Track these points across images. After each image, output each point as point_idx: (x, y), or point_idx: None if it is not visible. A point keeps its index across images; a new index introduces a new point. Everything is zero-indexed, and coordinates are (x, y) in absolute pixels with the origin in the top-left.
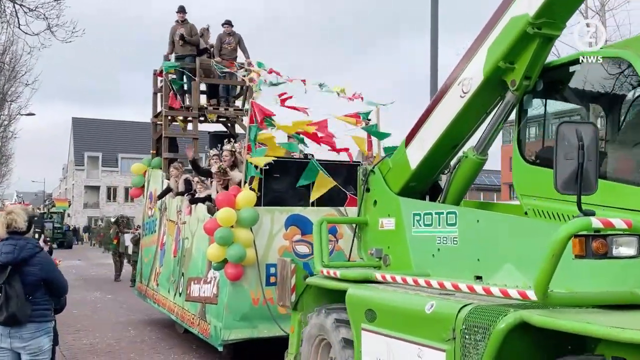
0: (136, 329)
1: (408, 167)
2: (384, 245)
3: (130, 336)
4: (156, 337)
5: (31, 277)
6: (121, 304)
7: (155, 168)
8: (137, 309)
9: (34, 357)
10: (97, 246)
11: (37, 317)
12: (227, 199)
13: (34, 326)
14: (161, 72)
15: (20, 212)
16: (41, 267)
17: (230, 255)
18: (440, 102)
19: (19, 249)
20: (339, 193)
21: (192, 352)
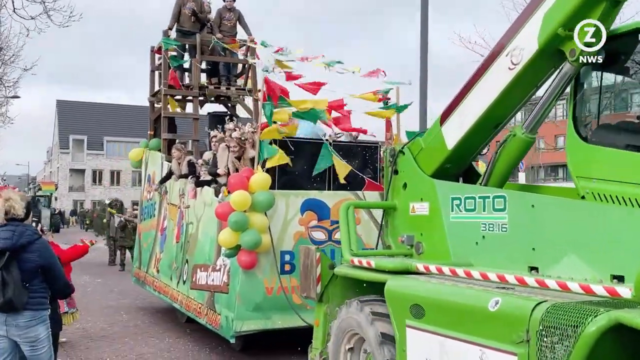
0: (128, 313)
1: (444, 147)
2: (416, 232)
3: (123, 320)
4: (149, 321)
5: (29, 263)
6: (111, 288)
7: (153, 150)
8: (128, 293)
9: (32, 346)
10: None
11: (33, 304)
12: (240, 182)
13: (30, 314)
14: (159, 49)
15: (18, 199)
16: (40, 254)
17: (244, 241)
18: (483, 76)
19: (18, 235)
20: (356, 176)
21: (187, 336)
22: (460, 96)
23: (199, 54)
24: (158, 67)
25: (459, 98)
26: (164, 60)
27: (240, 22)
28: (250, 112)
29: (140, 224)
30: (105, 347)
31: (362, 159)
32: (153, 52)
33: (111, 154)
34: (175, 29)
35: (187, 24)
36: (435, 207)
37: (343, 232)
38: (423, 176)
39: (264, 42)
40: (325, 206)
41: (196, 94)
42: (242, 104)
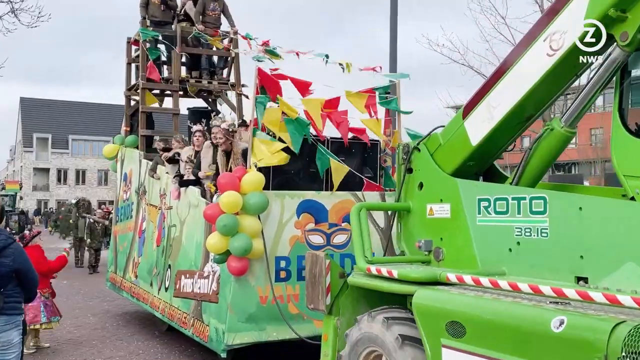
0: (95, 315)
1: (467, 143)
2: (435, 237)
3: (90, 323)
4: (117, 324)
5: (3, 268)
6: (77, 290)
7: (130, 147)
8: (94, 295)
9: (3, 350)
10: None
11: (8, 309)
12: (231, 182)
13: (4, 319)
14: (136, 41)
15: None
16: (14, 258)
17: (234, 247)
18: (516, 63)
19: None
20: (355, 176)
21: (156, 338)
22: (488, 86)
23: (179, 46)
24: (135, 60)
25: (486, 89)
26: (141, 51)
27: (225, 13)
28: (234, 108)
29: (115, 225)
30: (72, 351)
31: (361, 157)
32: (130, 43)
33: (76, 153)
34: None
35: (158, 12)
36: (458, 209)
37: (356, 237)
38: (443, 175)
39: (249, 34)
40: (323, 208)
41: (176, 88)
42: (225, 99)
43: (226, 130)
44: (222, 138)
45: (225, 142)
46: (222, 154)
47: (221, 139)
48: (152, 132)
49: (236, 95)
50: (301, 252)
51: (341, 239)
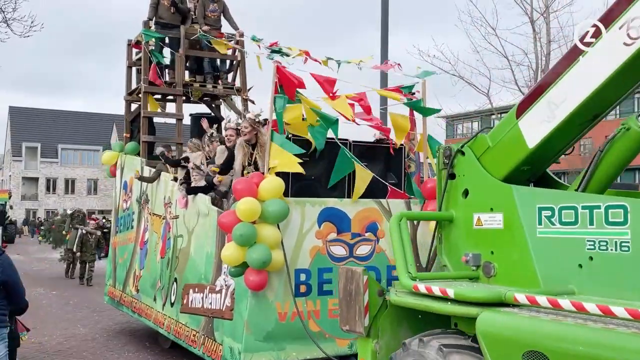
0: (85, 326)
1: (522, 145)
2: (485, 250)
3: (80, 334)
4: (107, 334)
5: None
6: (67, 301)
7: (130, 154)
8: (84, 306)
9: None
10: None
11: None
12: (247, 188)
13: None
14: (137, 43)
15: None
16: (2, 270)
17: (252, 258)
18: (584, 55)
19: None
20: (379, 182)
21: (146, 349)
22: (548, 82)
23: (182, 48)
24: (136, 63)
25: (546, 85)
26: (144, 54)
27: (225, 14)
28: (239, 113)
29: (114, 236)
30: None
31: (385, 162)
32: (130, 46)
33: (66, 162)
34: (154, 21)
35: (166, 15)
36: (513, 219)
37: (397, 251)
38: (493, 181)
39: (255, 37)
40: (346, 217)
41: (180, 92)
42: (230, 104)
43: (252, 120)
44: (247, 127)
45: (251, 132)
46: (246, 145)
47: (246, 129)
48: (153, 138)
49: (242, 100)
50: (322, 265)
51: (364, 250)
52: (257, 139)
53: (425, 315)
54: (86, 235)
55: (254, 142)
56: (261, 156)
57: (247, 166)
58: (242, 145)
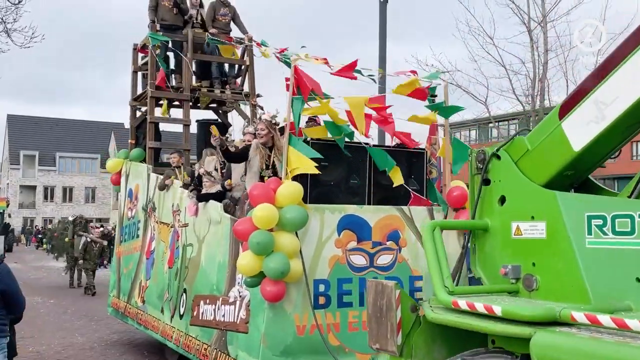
0: (83, 335)
1: (567, 148)
2: (525, 261)
3: (78, 343)
4: (105, 344)
5: None
6: (65, 309)
7: (135, 160)
8: (82, 314)
9: None
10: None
11: None
12: (264, 193)
13: None
14: (143, 47)
15: None
16: (0, 279)
17: (269, 268)
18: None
19: None
20: (400, 188)
21: (145, 359)
22: (595, 79)
23: (190, 52)
24: (142, 67)
25: (593, 82)
26: (150, 58)
27: (235, 20)
28: (248, 119)
29: (119, 246)
30: None
31: (406, 168)
32: (136, 50)
33: (63, 170)
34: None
35: (168, 16)
36: (557, 229)
37: (432, 263)
38: (533, 187)
39: (264, 42)
40: (366, 224)
41: (187, 97)
42: (239, 110)
43: (268, 122)
44: (263, 129)
45: (267, 134)
46: (262, 147)
47: (263, 131)
48: (160, 144)
49: (250, 106)
50: (342, 275)
51: (386, 260)
52: (274, 141)
53: (462, 333)
54: (90, 244)
55: (271, 144)
56: (279, 159)
57: (265, 169)
58: (258, 148)
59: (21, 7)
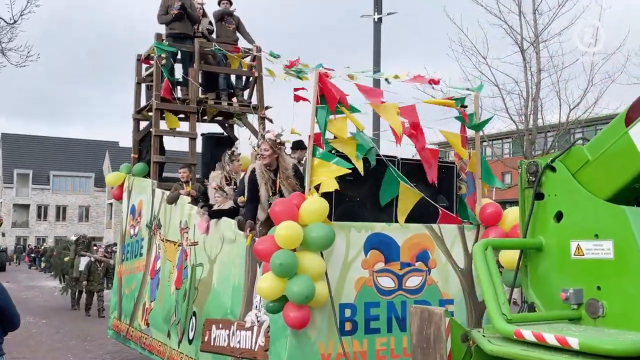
0: (76, 356)
1: (636, 157)
2: (589, 285)
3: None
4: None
5: None
6: (57, 330)
7: (138, 175)
8: (74, 334)
9: None
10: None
11: None
12: (287, 210)
13: None
14: (147, 58)
15: None
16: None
17: (293, 292)
18: None
19: None
20: (428, 205)
21: None
22: None
23: (197, 63)
24: (145, 79)
25: None
26: (156, 68)
27: (240, 29)
28: (256, 133)
29: (120, 265)
30: None
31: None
32: (140, 61)
33: (57, 189)
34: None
35: (177, 24)
36: (628, 248)
37: (486, 287)
38: (596, 201)
39: (273, 53)
40: (394, 243)
41: (194, 109)
42: (246, 123)
43: (272, 141)
44: (267, 150)
45: (271, 155)
46: (266, 170)
47: (266, 151)
48: (165, 158)
49: (259, 119)
50: (369, 299)
51: (415, 282)
52: (278, 162)
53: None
54: (95, 264)
55: (275, 166)
56: (284, 183)
57: (272, 196)
58: (262, 172)
59: (17, 27)
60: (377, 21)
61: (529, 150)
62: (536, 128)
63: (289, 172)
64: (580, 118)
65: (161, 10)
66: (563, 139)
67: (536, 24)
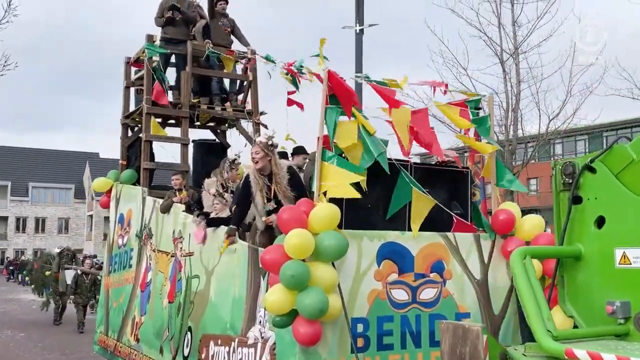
0: None
1: None
2: (638, 297)
3: None
4: None
5: None
6: (35, 344)
7: (127, 183)
8: (54, 348)
9: None
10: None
11: None
12: (296, 217)
13: None
14: (137, 61)
15: None
16: None
17: (305, 305)
18: None
19: None
20: (442, 212)
21: None
22: None
23: (190, 65)
24: (134, 82)
25: None
26: (146, 71)
27: (235, 31)
28: (250, 139)
29: (107, 277)
30: None
31: (449, 189)
32: (129, 64)
33: (36, 201)
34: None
35: (169, 29)
36: None
37: (527, 301)
38: None
39: (269, 56)
40: (408, 253)
41: (186, 114)
42: (240, 128)
43: (264, 144)
44: (258, 153)
45: (263, 158)
46: (259, 176)
47: (257, 154)
48: (155, 165)
49: (253, 125)
50: (382, 312)
51: (429, 295)
52: (272, 166)
53: None
54: (81, 277)
55: (269, 171)
56: (280, 189)
57: (267, 202)
58: (255, 178)
59: None
60: (358, 32)
61: (509, 160)
62: (516, 139)
63: (280, 177)
64: (560, 129)
65: (158, 12)
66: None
67: (515, 35)
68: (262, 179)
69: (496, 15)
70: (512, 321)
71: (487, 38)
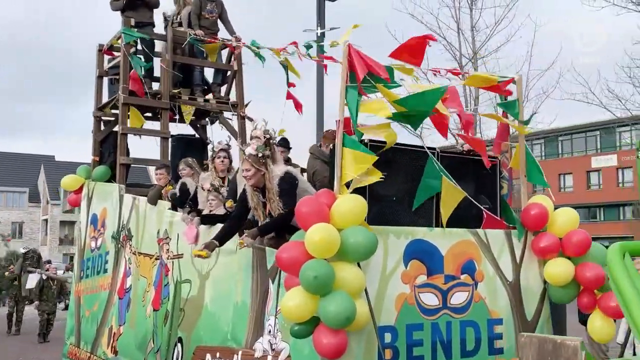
0: None
1: None
2: None
3: None
4: None
5: None
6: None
7: (99, 180)
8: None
9: None
10: None
11: None
12: (316, 210)
13: None
14: (110, 48)
15: None
16: None
17: (329, 312)
18: None
19: None
20: (470, 207)
21: None
22: None
23: (170, 53)
24: (108, 72)
25: None
26: (123, 57)
27: (222, 18)
28: (234, 133)
29: (78, 283)
30: None
31: (476, 182)
32: (102, 52)
33: None
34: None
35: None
36: None
37: (633, 305)
38: None
39: (255, 42)
40: (437, 252)
41: (167, 105)
42: (224, 122)
43: (254, 157)
44: (249, 170)
45: (255, 174)
46: (254, 192)
47: (248, 172)
48: (133, 159)
49: (238, 118)
50: (412, 320)
51: (460, 299)
52: (265, 181)
53: None
54: (47, 281)
55: (263, 184)
56: (273, 207)
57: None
58: (251, 196)
59: None
60: (319, 35)
61: None
62: None
63: (273, 193)
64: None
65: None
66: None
67: (474, 40)
68: (257, 195)
69: (455, 21)
70: (545, 327)
71: (446, 42)
